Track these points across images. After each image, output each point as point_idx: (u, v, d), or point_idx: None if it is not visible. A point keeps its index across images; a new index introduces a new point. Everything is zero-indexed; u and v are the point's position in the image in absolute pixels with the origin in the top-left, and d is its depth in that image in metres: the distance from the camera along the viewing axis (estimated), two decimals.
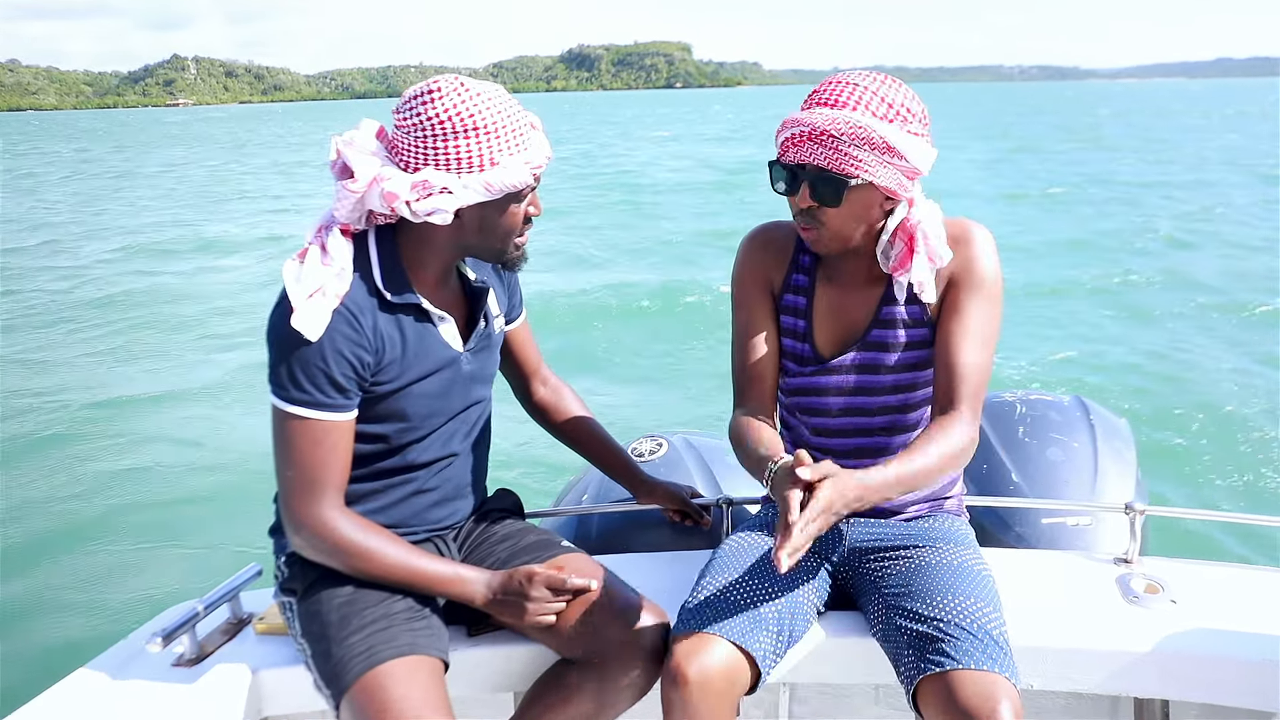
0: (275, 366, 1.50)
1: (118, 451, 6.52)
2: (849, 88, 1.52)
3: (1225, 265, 11.58)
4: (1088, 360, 7.97)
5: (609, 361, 8.24)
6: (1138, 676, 1.65)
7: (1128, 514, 1.90)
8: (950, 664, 1.42)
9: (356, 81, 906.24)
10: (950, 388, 1.58)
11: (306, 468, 1.51)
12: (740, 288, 1.79)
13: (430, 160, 1.46)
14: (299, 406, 1.49)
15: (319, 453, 1.51)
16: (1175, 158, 27.03)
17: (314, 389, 1.48)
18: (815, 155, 1.52)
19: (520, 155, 1.49)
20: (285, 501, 1.53)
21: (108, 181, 30.07)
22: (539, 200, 1.60)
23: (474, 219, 1.53)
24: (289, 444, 1.51)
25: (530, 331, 1.95)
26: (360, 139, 1.51)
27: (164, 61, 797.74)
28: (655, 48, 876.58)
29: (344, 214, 1.51)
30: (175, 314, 10.76)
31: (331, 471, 1.52)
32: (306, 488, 1.51)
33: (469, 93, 1.45)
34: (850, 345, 1.70)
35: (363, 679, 1.47)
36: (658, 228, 16.23)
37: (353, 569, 1.56)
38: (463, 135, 1.44)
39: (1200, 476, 5.50)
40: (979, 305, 1.61)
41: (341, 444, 1.54)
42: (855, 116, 1.49)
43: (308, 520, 1.52)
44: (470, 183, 1.46)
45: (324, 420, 1.50)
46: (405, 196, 1.45)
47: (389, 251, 1.56)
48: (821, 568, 1.76)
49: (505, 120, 1.47)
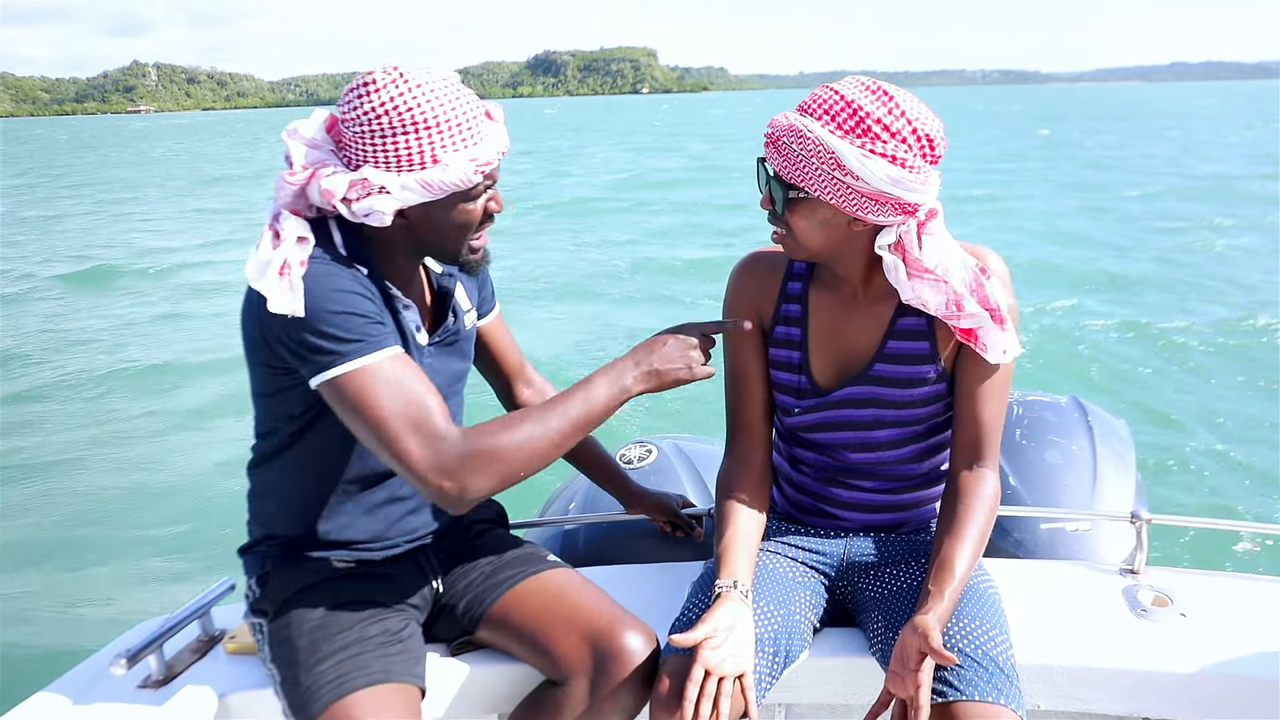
0: (303, 343, 1.34)
1: (85, 465, 6.37)
2: (830, 96, 1.41)
3: (1224, 268, 11.70)
4: (1085, 359, 7.98)
5: (596, 363, 8.10)
6: (1148, 696, 1.59)
7: (1133, 522, 1.85)
8: (953, 694, 1.37)
9: (321, 88, 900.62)
10: (976, 442, 1.55)
11: (406, 412, 1.34)
12: None
13: (369, 158, 1.36)
14: (352, 360, 1.34)
15: (407, 389, 1.35)
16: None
17: (355, 333, 1.35)
18: (773, 159, 1.46)
19: (465, 151, 1.38)
20: (408, 462, 1.34)
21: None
22: (500, 196, 1.50)
23: (421, 219, 1.43)
24: (372, 403, 1.33)
25: (506, 328, 1.87)
26: (305, 129, 1.41)
27: (124, 68, 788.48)
28: (621, 53, 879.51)
29: (285, 204, 1.41)
30: (140, 327, 10.58)
31: (430, 400, 1.36)
32: (422, 431, 1.34)
33: (408, 84, 1.34)
34: (852, 377, 1.62)
35: (332, 709, 1.40)
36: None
37: (526, 467, 1.40)
38: (400, 131, 1.33)
39: (1200, 480, 5.49)
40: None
41: (415, 371, 1.38)
42: (810, 125, 1.39)
43: (449, 452, 1.34)
44: (408, 182, 1.36)
45: (386, 357, 1.37)
46: (343, 194, 1.36)
47: (353, 239, 1.46)
48: (818, 582, 1.70)
49: (448, 113, 1.36)
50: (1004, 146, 35.53)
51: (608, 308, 10.67)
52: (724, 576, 1.51)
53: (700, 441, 2.43)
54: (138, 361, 8.98)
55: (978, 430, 1.55)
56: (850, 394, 1.62)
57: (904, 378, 1.59)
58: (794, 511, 1.78)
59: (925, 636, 1.32)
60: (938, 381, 1.58)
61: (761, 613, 1.55)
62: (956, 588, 1.42)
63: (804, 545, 1.73)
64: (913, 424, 1.62)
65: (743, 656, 1.41)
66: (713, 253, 13.59)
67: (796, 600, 1.62)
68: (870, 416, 1.62)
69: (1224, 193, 18.67)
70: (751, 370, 1.69)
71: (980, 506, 1.51)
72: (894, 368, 1.59)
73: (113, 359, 9.11)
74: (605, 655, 1.51)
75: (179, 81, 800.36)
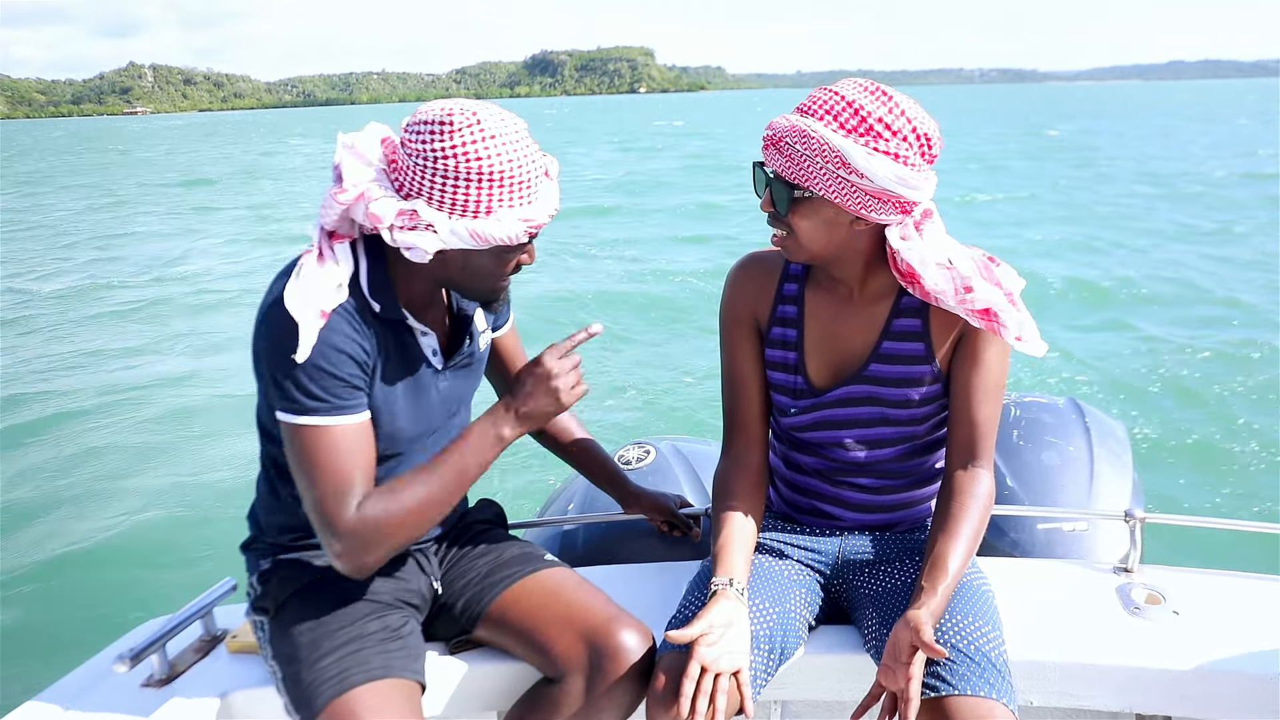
0: (280, 383, 1.38)
1: (89, 466, 6.36)
2: (830, 96, 1.43)
3: (1228, 270, 11.66)
4: (1082, 361, 7.98)
5: (592, 362, 8.09)
6: (1140, 692, 1.60)
7: (1127, 521, 1.86)
8: (946, 689, 1.38)
9: (318, 89, 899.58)
10: (971, 442, 1.57)
11: (335, 477, 1.39)
12: (723, 327, 1.73)
13: (425, 194, 1.35)
14: (314, 416, 1.39)
15: (344, 459, 1.40)
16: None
17: (326, 393, 1.39)
18: (774, 160, 1.47)
19: (521, 209, 1.38)
20: (320, 517, 1.40)
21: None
22: (534, 250, 1.50)
23: (457, 261, 1.43)
24: (312, 458, 1.39)
25: (519, 340, 1.88)
26: (363, 144, 1.41)
27: (120, 69, 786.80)
28: (618, 53, 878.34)
29: (330, 222, 1.42)
30: (145, 323, 10.59)
31: (360, 472, 1.42)
32: (340, 497, 1.39)
33: (484, 133, 1.33)
34: (847, 377, 1.63)
35: (333, 705, 1.41)
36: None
37: (419, 530, 1.46)
38: (464, 179, 1.33)
39: (1198, 481, 5.48)
40: (996, 353, 1.56)
41: (363, 442, 1.43)
42: (814, 125, 1.41)
43: (348, 527, 1.39)
44: (458, 228, 1.36)
45: (343, 424, 1.41)
46: (390, 221, 1.36)
47: (377, 261, 1.47)
48: (813, 580, 1.71)
49: (514, 170, 1.35)
50: (1007, 145, 35.50)
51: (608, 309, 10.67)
52: (720, 574, 1.52)
53: (698, 443, 2.44)
54: (144, 361, 8.99)
55: (972, 430, 1.56)
56: (846, 394, 1.63)
57: (899, 378, 1.60)
58: (790, 510, 1.79)
59: (917, 631, 1.34)
60: (933, 382, 1.60)
61: (757, 610, 1.56)
62: (949, 584, 1.43)
63: (799, 544, 1.74)
64: (908, 424, 1.63)
65: (738, 653, 1.42)
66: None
67: (792, 598, 1.63)
68: (865, 416, 1.63)
69: (1230, 194, 18.66)
70: (747, 372, 1.70)
71: (975, 505, 1.52)
72: (889, 368, 1.60)
73: (117, 358, 9.12)
74: (601, 653, 1.52)
75: (175, 83, 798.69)
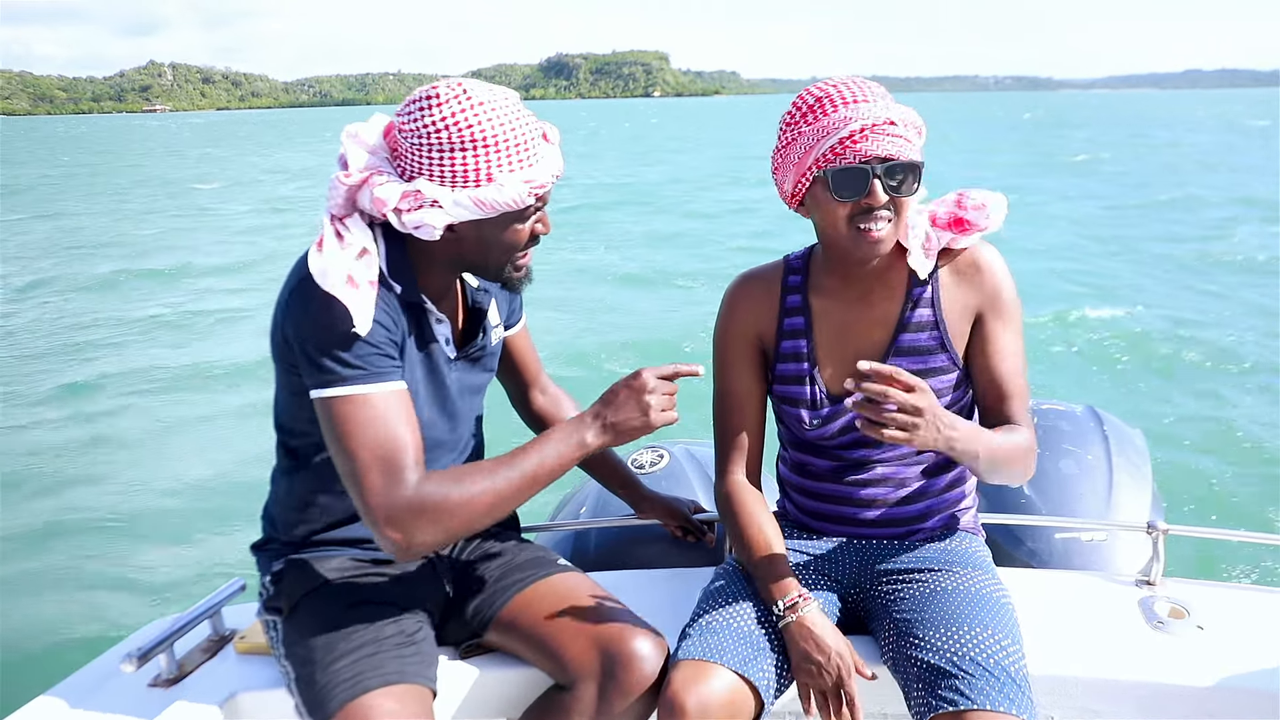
0: (315, 358, 1.37)
1: (97, 462, 6.38)
2: (868, 87, 1.48)
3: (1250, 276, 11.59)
4: (1100, 366, 7.94)
5: (604, 367, 8.14)
6: (1164, 708, 1.58)
7: (1149, 533, 1.84)
8: (964, 703, 1.36)
9: (335, 89, 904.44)
10: (1005, 406, 1.57)
11: (383, 447, 1.35)
12: (722, 348, 1.71)
13: (425, 171, 1.37)
14: (353, 385, 1.37)
15: (390, 428, 1.37)
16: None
17: (361, 362, 1.37)
18: (886, 147, 1.44)
19: (522, 172, 1.38)
20: (366, 493, 1.35)
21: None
22: (548, 218, 1.50)
23: (471, 235, 1.44)
24: (352, 432, 1.36)
25: (530, 339, 1.88)
26: (366, 133, 1.42)
27: (140, 67, 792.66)
28: (633, 57, 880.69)
29: (336, 207, 1.42)
30: (158, 326, 10.62)
31: (407, 443, 1.38)
32: (391, 469, 1.35)
33: (471, 101, 1.34)
34: None
35: (347, 708, 1.40)
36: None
37: (471, 525, 1.40)
38: (459, 148, 1.34)
39: (1216, 491, 5.43)
40: (1010, 331, 1.59)
41: (406, 412, 1.41)
42: (901, 108, 1.47)
43: (401, 501, 1.34)
44: (462, 199, 1.36)
45: (384, 391, 1.39)
46: (395, 204, 1.36)
47: (396, 247, 1.47)
48: (831, 591, 1.69)
49: (508, 133, 1.36)
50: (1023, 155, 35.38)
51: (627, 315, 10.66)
52: (793, 595, 1.51)
53: (712, 447, 2.42)
54: (155, 360, 9.02)
55: (1002, 397, 1.57)
56: None
57: (918, 370, 1.59)
58: (806, 519, 1.77)
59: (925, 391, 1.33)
60: (952, 370, 1.60)
61: (771, 620, 1.54)
62: (971, 430, 1.41)
63: (815, 552, 1.72)
64: None
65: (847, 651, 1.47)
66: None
67: None
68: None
69: (1251, 203, 18.55)
70: (747, 392, 1.70)
71: (1017, 434, 1.52)
72: (908, 360, 1.60)
73: (122, 359, 9.16)
74: (614, 660, 1.50)
75: (194, 81, 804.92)
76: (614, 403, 1.46)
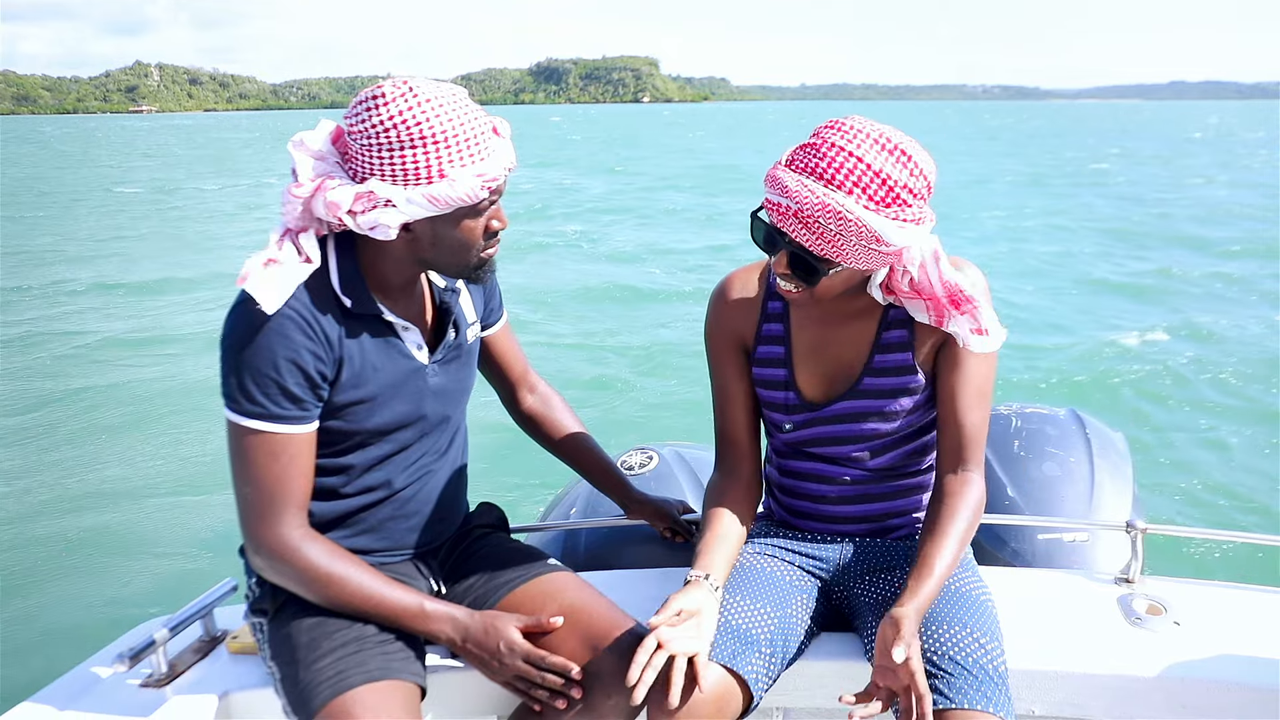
0: (226, 377, 1.41)
1: (88, 463, 6.37)
2: (849, 161, 1.36)
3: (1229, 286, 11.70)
4: (1083, 371, 8.00)
5: (597, 368, 8.15)
6: (1142, 703, 1.61)
7: (1129, 532, 1.87)
8: (943, 702, 1.38)
9: (323, 91, 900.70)
10: (960, 447, 1.57)
11: (264, 485, 1.43)
12: (710, 348, 1.74)
13: (376, 171, 1.36)
14: (252, 419, 1.41)
15: (276, 468, 1.43)
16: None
17: (267, 400, 1.40)
18: (797, 232, 1.40)
19: (473, 166, 1.38)
20: (244, 521, 1.46)
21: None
22: (503, 213, 1.50)
23: (426, 233, 1.44)
24: (245, 460, 1.43)
25: (513, 336, 1.88)
26: (312, 140, 1.42)
27: (126, 67, 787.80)
28: (623, 62, 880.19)
29: (292, 220, 1.43)
30: (140, 325, 10.57)
31: (291, 488, 1.45)
32: (265, 507, 1.43)
33: (417, 98, 1.34)
34: (842, 392, 1.65)
35: (330, 705, 1.41)
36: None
37: (315, 595, 1.48)
38: (408, 145, 1.34)
39: (1197, 492, 5.50)
40: (981, 358, 1.57)
41: (300, 459, 1.45)
42: (846, 203, 1.35)
43: (267, 541, 1.44)
44: (415, 196, 1.36)
45: (280, 433, 1.42)
46: (349, 206, 1.37)
47: (348, 259, 1.48)
48: (815, 586, 1.72)
49: (457, 128, 1.36)
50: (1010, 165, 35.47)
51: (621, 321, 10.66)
52: (698, 569, 1.54)
53: (701, 449, 2.44)
54: (150, 361, 9.00)
55: (960, 435, 1.57)
56: (843, 409, 1.65)
57: (891, 389, 1.62)
58: (789, 517, 1.80)
59: (898, 625, 1.35)
60: (923, 389, 1.62)
61: (758, 615, 1.56)
62: (935, 583, 1.43)
63: (800, 550, 1.75)
64: (902, 431, 1.65)
65: (699, 640, 1.43)
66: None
67: (793, 604, 1.64)
68: (862, 430, 1.65)
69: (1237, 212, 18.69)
70: (735, 390, 1.73)
71: (963, 508, 1.52)
72: (882, 380, 1.62)
73: (122, 358, 9.13)
74: (603, 658, 1.52)
75: (181, 82, 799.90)
76: (484, 654, 1.51)
